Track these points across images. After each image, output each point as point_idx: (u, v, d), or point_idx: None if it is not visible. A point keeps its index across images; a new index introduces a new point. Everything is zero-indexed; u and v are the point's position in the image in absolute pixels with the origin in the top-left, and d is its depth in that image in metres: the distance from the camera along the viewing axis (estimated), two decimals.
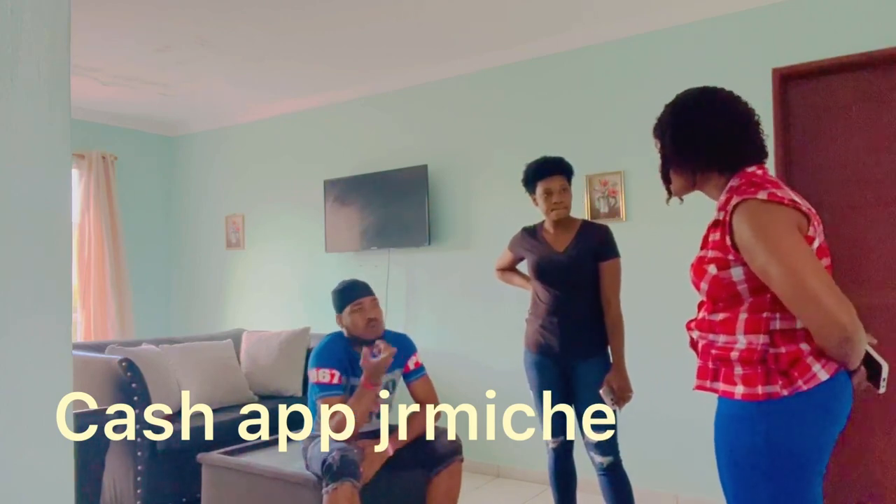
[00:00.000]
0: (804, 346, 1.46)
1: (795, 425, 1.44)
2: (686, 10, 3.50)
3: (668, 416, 3.53)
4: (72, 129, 0.87)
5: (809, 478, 1.46)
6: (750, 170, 1.57)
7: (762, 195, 1.45)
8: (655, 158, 1.75)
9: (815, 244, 1.48)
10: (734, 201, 1.49)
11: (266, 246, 5.28)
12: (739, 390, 1.49)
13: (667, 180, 1.70)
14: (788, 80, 3.28)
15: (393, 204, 4.43)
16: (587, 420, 2.65)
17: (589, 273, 2.68)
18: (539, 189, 2.70)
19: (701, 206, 2.06)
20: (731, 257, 1.50)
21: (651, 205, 3.61)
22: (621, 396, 2.59)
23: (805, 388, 1.44)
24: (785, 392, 1.44)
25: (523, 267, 2.91)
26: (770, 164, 3.34)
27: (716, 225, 1.56)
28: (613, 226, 3.09)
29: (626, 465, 2.70)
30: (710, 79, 3.44)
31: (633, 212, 3.69)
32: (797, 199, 1.49)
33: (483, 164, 4.23)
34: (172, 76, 4.47)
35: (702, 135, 1.59)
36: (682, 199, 1.73)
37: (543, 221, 2.82)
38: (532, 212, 2.87)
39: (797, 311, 1.42)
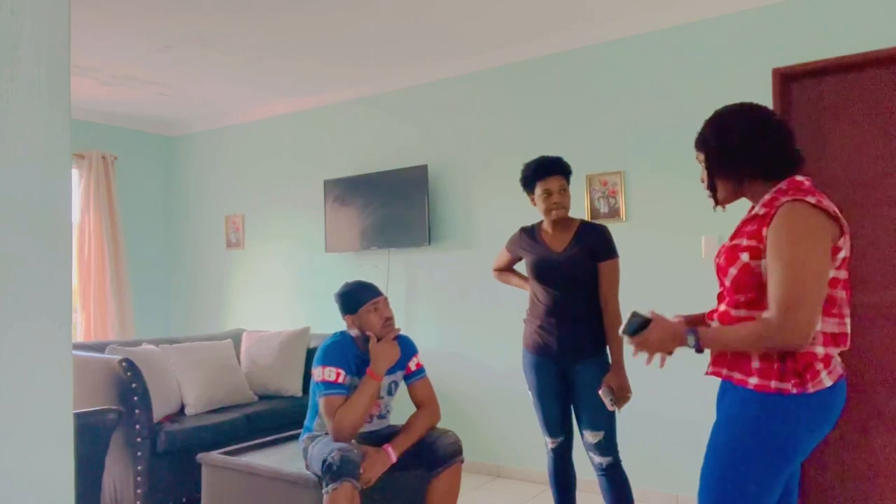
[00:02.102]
0: (818, 350, 1.57)
1: (794, 421, 1.56)
2: (686, 10, 3.50)
3: (668, 416, 3.53)
4: (72, 129, 0.87)
5: (785, 466, 1.59)
6: (799, 178, 1.66)
7: (811, 199, 1.55)
8: (656, 158, 1.76)
9: (841, 255, 1.59)
10: (783, 199, 1.58)
11: (266, 246, 5.28)
12: (753, 381, 1.60)
13: (713, 189, 1.79)
14: (788, 80, 3.28)
15: (393, 204, 4.43)
16: (586, 420, 2.66)
17: (587, 273, 2.67)
18: (538, 189, 2.69)
19: (700, 207, 2.06)
20: (762, 247, 1.59)
21: (651, 205, 3.61)
22: (620, 397, 2.59)
23: (812, 391, 1.55)
24: (794, 391, 1.55)
25: (521, 267, 2.91)
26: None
27: (755, 218, 1.65)
28: (613, 226, 3.09)
29: (626, 465, 2.70)
30: (710, 79, 3.46)
31: (633, 212, 3.68)
32: (838, 211, 1.59)
33: (483, 164, 4.23)
34: (172, 76, 4.47)
35: (748, 144, 1.68)
36: (724, 208, 1.81)
37: (542, 221, 2.82)
38: (532, 212, 2.87)
39: (773, 298, 1.52)
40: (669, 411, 3.52)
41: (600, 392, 2.58)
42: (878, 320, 3.06)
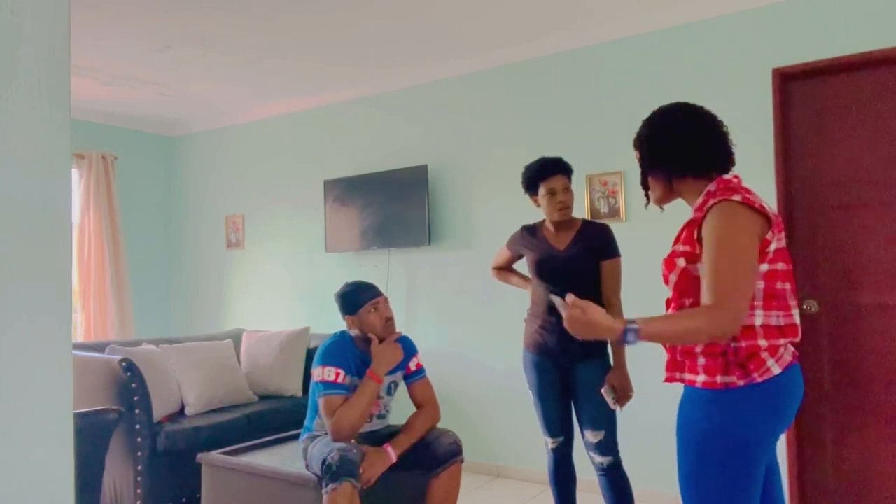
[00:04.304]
0: (762, 342, 1.59)
1: (747, 412, 1.58)
2: (686, 10, 3.50)
3: (669, 416, 3.52)
4: (72, 129, 0.87)
5: (754, 461, 1.58)
6: (726, 177, 1.71)
7: (737, 198, 1.60)
8: None
9: (772, 247, 1.62)
10: (712, 201, 1.62)
11: (266, 246, 5.28)
12: (701, 378, 1.63)
13: (646, 188, 1.86)
14: (788, 80, 3.28)
15: (393, 204, 4.43)
16: (586, 420, 2.66)
17: (589, 272, 2.68)
18: (542, 190, 2.69)
19: None
20: (697, 251, 1.64)
21: (651, 205, 3.61)
22: (622, 396, 2.59)
23: (759, 380, 1.57)
24: (741, 383, 1.58)
25: (521, 266, 2.91)
26: (769, 165, 3.34)
27: (689, 223, 1.71)
28: (613, 226, 3.08)
29: (627, 465, 2.70)
30: (710, 79, 3.46)
31: (633, 212, 3.68)
32: (765, 204, 1.64)
33: (483, 164, 4.23)
34: (172, 76, 4.46)
35: (674, 143, 1.74)
36: (662, 208, 1.90)
37: (544, 220, 2.82)
38: (533, 211, 2.87)
39: (703, 297, 1.56)
40: (670, 411, 3.51)
41: (602, 391, 2.58)
42: (879, 320, 3.06)
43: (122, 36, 3.76)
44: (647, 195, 1.85)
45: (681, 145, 1.72)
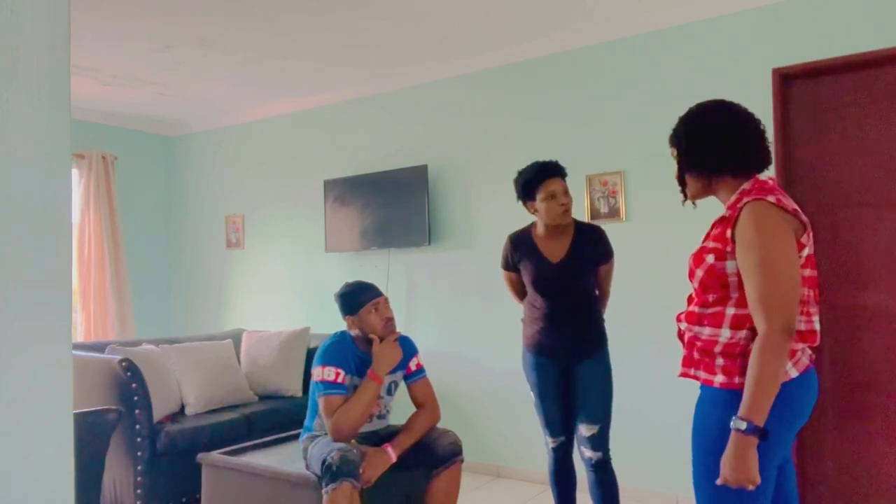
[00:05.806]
0: None
1: None
2: (686, 10, 3.50)
3: (670, 416, 3.53)
4: (72, 129, 0.87)
5: (767, 463, 1.57)
6: (762, 178, 1.71)
7: (771, 199, 1.59)
8: (656, 158, 1.81)
9: (805, 252, 1.63)
10: (745, 200, 1.62)
11: (266, 246, 5.28)
12: (719, 379, 1.63)
13: (683, 184, 1.83)
14: (788, 80, 3.28)
15: (393, 204, 4.43)
16: (583, 414, 2.67)
17: (586, 277, 2.72)
18: (542, 193, 2.64)
19: (701, 207, 2.06)
20: (728, 249, 1.63)
21: (651, 205, 3.61)
22: None
23: None
24: None
25: None
26: (770, 164, 3.33)
27: (721, 221, 1.69)
28: (614, 226, 3.09)
29: (626, 464, 2.70)
30: (710, 79, 3.46)
31: (633, 212, 3.68)
32: (798, 208, 1.63)
33: (483, 164, 4.23)
34: (172, 76, 4.46)
35: (716, 141, 1.72)
36: (695, 204, 1.86)
37: (531, 226, 2.81)
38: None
39: (753, 307, 1.55)
40: (671, 411, 3.52)
41: None
42: (880, 321, 3.06)
43: (122, 36, 3.76)
44: (683, 192, 1.83)
45: (722, 143, 1.71)
